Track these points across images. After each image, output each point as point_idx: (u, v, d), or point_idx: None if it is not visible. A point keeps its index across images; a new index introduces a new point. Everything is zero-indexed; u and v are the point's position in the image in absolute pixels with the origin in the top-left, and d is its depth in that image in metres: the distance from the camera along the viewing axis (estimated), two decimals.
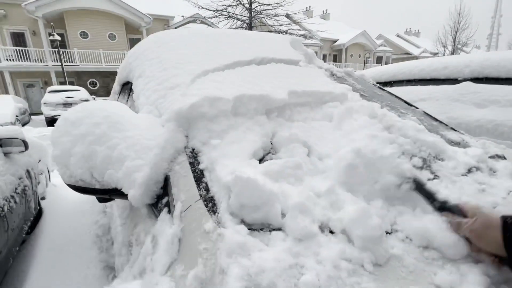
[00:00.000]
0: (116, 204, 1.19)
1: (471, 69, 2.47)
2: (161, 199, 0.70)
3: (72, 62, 16.40)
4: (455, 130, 1.48)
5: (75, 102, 10.59)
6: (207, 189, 0.61)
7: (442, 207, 0.61)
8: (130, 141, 0.71)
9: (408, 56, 32.75)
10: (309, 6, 27.79)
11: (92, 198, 3.22)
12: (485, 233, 0.49)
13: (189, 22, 20.18)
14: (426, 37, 39.87)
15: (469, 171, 0.87)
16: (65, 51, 16.12)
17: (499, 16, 37.32)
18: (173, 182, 0.67)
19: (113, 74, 18.90)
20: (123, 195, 0.76)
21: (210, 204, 0.57)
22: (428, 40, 35.62)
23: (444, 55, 22.93)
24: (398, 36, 37.36)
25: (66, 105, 10.64)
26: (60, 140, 0.77)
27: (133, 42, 19.66)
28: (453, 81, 2.64)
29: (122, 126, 0.73)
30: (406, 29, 39.38)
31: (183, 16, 20.08)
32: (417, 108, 1.61)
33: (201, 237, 0.51)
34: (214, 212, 0.56)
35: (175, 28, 20.35)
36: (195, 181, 0.63)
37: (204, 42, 1.11)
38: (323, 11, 31.93)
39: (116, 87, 2.58)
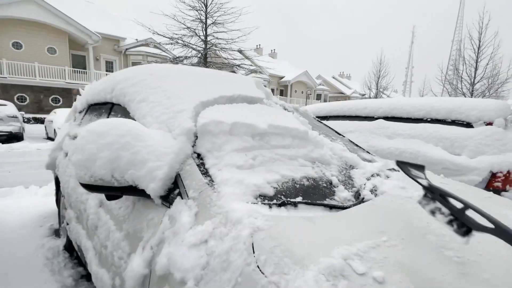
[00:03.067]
0: (105, 210, 1.34)
1: (383, 110, 3.29)
2: (172, 191, 0.97)
3: None
4: (369, 153, 2.05)
5: (1, 118, 9.23)
6: (212, 180, 0.91)
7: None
8: (150, 148, 0.98)
9: (342, 95, 37.76)
10: (259, 44, 30.44)
11: (30, 225, 2.98)
12: None
13: (142, 45, 20.00)
14: (355, 80, 46.81)
15: (372, 175, 1.35)
16: None
17: (411, 67, 46.24)
18: (185, 177, 0.95)
19: (48, 90, 17.18)
20: (135, 192, 1.00)
21: (215, 188, 0.88)
22: (357, 83, 41.86)
23: (370, 96, 27.10)
24: (333, 77, 43.00)
25: None
26: (86, 147, 0.98)
27: (76, 59, 18.40)
28: (371, 118, 3.45)
29: (142, 137, 1.00)
30: (340, 72, 45.69)
31: (136, 39, 19.80)
32: (344, 136, 2.17)
33: (212, 206, 0.81)
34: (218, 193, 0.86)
35: (126, 49, 19.86)
36: (203, 175, 0.93)
37: (193, 78, 1.45)
38: (272, 50, 35.23)
39: (81, 106, 2.64)
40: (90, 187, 1.00)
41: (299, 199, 0.92)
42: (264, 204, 0.85)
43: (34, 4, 15.33)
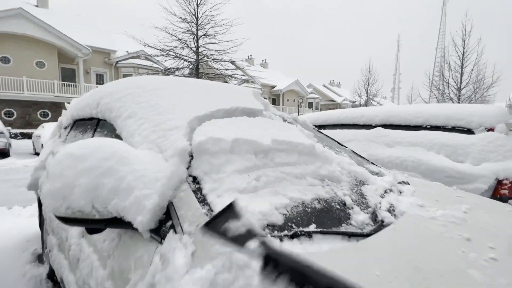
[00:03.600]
0: (88, 242, 1.19)
1: (380, 118, 3.23)
2: (164, 222, 0.83)
3: None
4: (374, 164, 1.95)
5: None
6: (211, 209, 0.78)
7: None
8: (138, 173, 0.84)
9: (333, 103, 38.27)
10: (251, 55, 30.81)
11: (12, 249, 2.75)
12: None
13: (133, 57, 19.90)
14: (345, 88, 47.61)
15: (385, 191, 1.24)
16: None
17: (399, 74, 47.47)
18: (179, 206, 0.81)
19: (36, 104, 16.77)
20: (121, 224, 0.86)
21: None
22: (347, 91, 42.55)
23: (360, 103, 27.52)
24: (324, 86, 43.64)
25: None
26: (62, 173, 0.84)
27: (66, 72, 18.14)
28: (369, 126, 3.38)
29: (129, 161, 0.86)
30: (330, 80, 46.45)
31: (127, 51, 19.72)
32: (346, 147, 2.07)
33: (212, 244, 0.67)
34: None
35: (117, 62, 19.72)
36: (200, 203, 0.80)
37: (187, 90, 1.33)
38: (263, 60, 35.65)
39: (66, 121, 2.48)
40: (67, 220, 0.86)
41: (312, 227, 0.80)
42: (274, 236, 0.72)
43: (23, 18, 15.14)
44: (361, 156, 2.00)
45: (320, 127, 3.82)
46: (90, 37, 18.92)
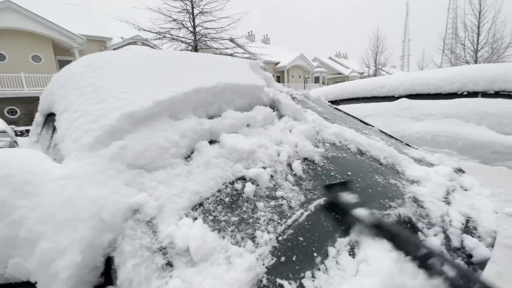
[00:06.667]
0: None
1: (405, 87, 2.75)
2: (106, 285, 0.48)
3: None
4: (409, 146, 1.55)
5: None
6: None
7: None
8: (46, 209, 0.49)
9: (340, 76, 36.76)
10: (251, 31, 29.31)
11: None
12: None
13: (129, 43, 19.26)
14: (352, 59, 45.53)
15: (447, 192, 0.85)
16: None
17: (408, 41, 45.25)
18: (124, 266, 0.46)
19: (38, 100, 16.41)
20: None
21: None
22: (355, 62, 40.71)
23: (368, 74, 26.35)
24: (330, 58, 41.78)
25: None
26: None
27: (63, 64, 17.60)
28: (391, 98, 2.91)
29: (34, 188, 0.50)
30: (336, 52, 44.38)
31: (122, 37, 19.09)
32: (372, 126, 1.66)
33: None
34: None
35: (113, 50, 19.13)
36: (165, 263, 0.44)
37: (152, 65, 0.93)
38: (264, 36, 34.01)
39: (38, 117, 2.14)
40: None
41: None
42: None
43: (12, 11, 14.55)
44: (392, 137, 1.60)
45: (333, 102, 3.37)
46: (84, 26, 18.26)
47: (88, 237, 0.47)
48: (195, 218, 0.53)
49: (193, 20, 13.19)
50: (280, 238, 0.52)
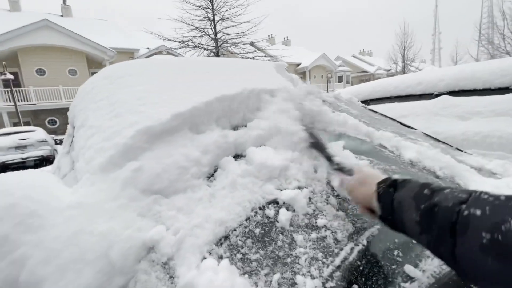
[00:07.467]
0: None
1: (445, 83, 2.49)
2: None
3: (27, 101, 15.31)
4: (461, 150, 1.35)
5: (31, 144, 9.63)
6: None
7: (338, 168, 0.64)
8: (50, 246, 0.42)
9: (365, 74, 35.42)
10: (271, 34, 29.31)
11: None
12: (359, 189, 0.53)
13: (155, 53, 20.10)
14: (377, 56, 43.67)
15: None
16: (19, 90, 15.04)
17: (438, 33, 42.59)
18: None
19: None
20: None
21: None
22: (380, 59, 38.97)
23: (396, 71, 25.07)
24: (354, 56, 40.47)
25: (20, 148, 9.58)
26: None
27: None
28: (429, 95, 2.65)
29: (39, 220, 0.44)
30: (360, 50, 42.91)
31: (148, 48, 20.00)
32: (415, 129, 1.48)
33: None
34: None
35: None
36: None
37: (173, 73, 0.87)
38: (284, 38, 33.81)
39: (69, 129, 2.21)
40: None
41: None
42: None
43: (49, 29, 15.84)
44: (438, 140, 1.41)
45: (363, 102, 3.15)
46: (114, 39, 19.42)
47: (94, 284, 0.39)
48: (220, 257, 0.44)
49: (214, 27, 13.42)
50: (327, 285, 0.41)
